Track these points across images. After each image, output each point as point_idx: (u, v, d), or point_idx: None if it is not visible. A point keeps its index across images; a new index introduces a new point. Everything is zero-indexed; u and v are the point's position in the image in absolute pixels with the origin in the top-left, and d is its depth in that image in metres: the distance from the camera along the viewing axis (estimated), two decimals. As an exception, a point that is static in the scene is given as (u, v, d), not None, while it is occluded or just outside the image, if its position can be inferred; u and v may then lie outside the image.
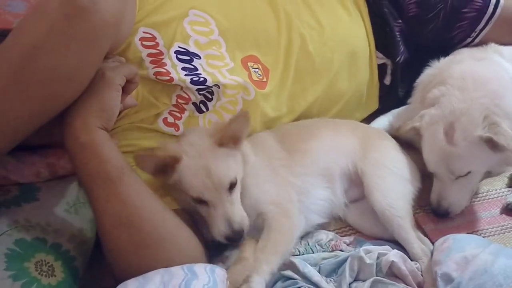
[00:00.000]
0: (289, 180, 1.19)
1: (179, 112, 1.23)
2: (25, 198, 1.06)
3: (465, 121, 1.15)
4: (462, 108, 1.16)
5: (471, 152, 1.15)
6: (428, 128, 1.21)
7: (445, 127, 1.17)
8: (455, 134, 1.16)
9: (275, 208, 1.13)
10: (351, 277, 1.07)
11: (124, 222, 0.97)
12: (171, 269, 0.93)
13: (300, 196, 1.19)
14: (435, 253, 1.08)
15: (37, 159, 1.11)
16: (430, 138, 1.21)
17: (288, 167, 1.20)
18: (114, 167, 0.97)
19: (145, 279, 0.90)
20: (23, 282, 0.89)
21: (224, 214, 1.04)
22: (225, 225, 1.04)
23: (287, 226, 1.12)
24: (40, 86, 0.91)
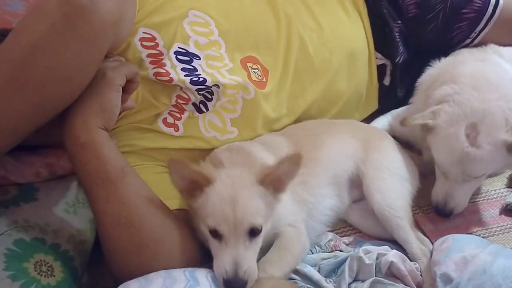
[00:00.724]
0: (303, 197, 1.16)
1: (178, 112, 1.23)
2: (24, 198, 1.05)
3: (489, 123, 1.14)
4: (485, 109, 1.15)
5: (493, 155, 1.15)
6: (446, 128, 1.17)
7: (467, 128, 1.15)
8: (479, 136, 1.14)
9: (291, 229, 1.10)
10: (351, 277, 1.07)
11: (123, 222, 0.97)
12: (173, 273, 0.92)
13: (311, 211, 1.17)
14: (434, 253, 1.09)
15: (36, 159, 1.11)
16: (448, 137, 1.17)
17: (304, 183, 1.17)
18: (114, 168, 0.97)
19: (146, 281, 0.89)
20: (22, 282, 0.89)
21: (234, 255, 0.93)
22: (230, 267, 0.92)
23: (298, 248, 1.09)
24: (39, 86, 0.90)
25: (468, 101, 1.16)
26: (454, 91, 1.20)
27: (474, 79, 1.20)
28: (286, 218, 1.10)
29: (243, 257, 0.93)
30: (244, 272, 0.92)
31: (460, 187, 1.20)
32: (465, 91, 1.19)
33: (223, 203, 0.95)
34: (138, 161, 1.16)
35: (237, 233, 0.94)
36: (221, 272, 0.93)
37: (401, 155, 1.30)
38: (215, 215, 0.95)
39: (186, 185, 0.99)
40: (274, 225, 1.06)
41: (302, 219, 1.14)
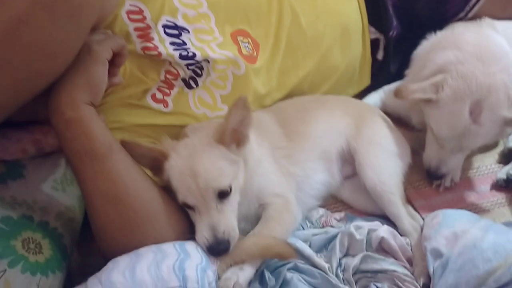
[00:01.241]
0: (290, 170, 1.17)
1: (168, 88, 1.21)
2: (11, 175, 1.04)
3: (494, 100, 1.13)
4: (490, 85, 1.13)
5: (492, 130, 1.15)
6: (450, 104, 1.15)
7: (472, 105, 1.14)
8: (482, 114, 1.13)
9: (277, 199, 1.10)
10: (341, 252, 1.08)
11: (112, 199, 0.96)
12: (163, 247, 0.92)
13: (300, 184, 1.18)
14: (425, 228, 1.09)
15: (23, 136, 1.09)
16: (451, 113, 1.16)
17: (290, 157, 1.18)
18: (101, 144, 0.95)
19: (137, 256, 0.89)
20: (10, 259, 0.88)
21: (209, 222, 0.96)
22: (209, 233, 0.95)
23: (287, 219, 1.09)
24: (23, 62, 0.87)
25: (473, 74, 1.14)
26: (458, 59, 1.17)
27: (478, 48, 1.18)
28: (271, 188, 1.11)
29: (217, 221, 0.95)
30: (222, 233, 0.95)
31: (454, 155, 1.22)
32: (469, 61, 1.16)
33: (183, 176, 0.96)
34: (127, 138, 1.14)
35: (205, 200, 0.96)
36: (202, 241, 0.96)
37: (393, 132, 1.29)
38: (180, 189, 0.97)
39: (150, 163, 1.00)
40: (258, 196, 1.07)
41: (291, 190, 1.14)
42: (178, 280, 0.84)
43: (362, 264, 1.05)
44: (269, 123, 1.22)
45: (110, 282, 0.83)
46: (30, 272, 0.89)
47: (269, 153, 1.15)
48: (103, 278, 0.85)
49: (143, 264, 0.86)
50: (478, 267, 0.96)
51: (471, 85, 1.14)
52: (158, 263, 0.87)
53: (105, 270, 0.87)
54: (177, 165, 0.97)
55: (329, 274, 1.03)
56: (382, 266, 1.04)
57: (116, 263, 0.88)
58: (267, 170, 1.12)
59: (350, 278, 1.03)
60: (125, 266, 0.87)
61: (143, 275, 0.84)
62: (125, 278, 0.84)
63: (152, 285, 0.83)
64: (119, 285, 0.83)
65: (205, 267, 0.89)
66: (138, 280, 0.83)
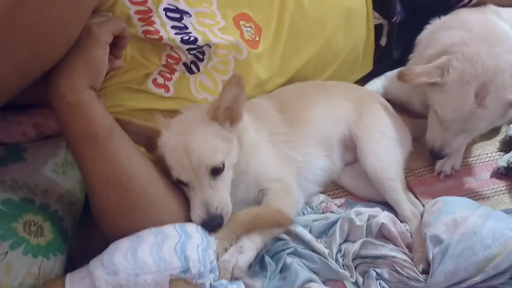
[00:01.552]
0: (290, 155, 1.17)
1: (169, 72, 1.20)
2: (12, 158, 1.03)
3: (499, 82, 1.12)
4: (496, 67, 1.12)
5: (496, 113, 1.15)
6: (457, 87, 1.15)
7: (477, 88, 1.13)
8: (487, 97, 1.13)
9: (277, 184, 1.11)
10: (341, 238, 1.08)
11: (112, 183, 0.96)
12: (164, 229, 0.92)
13: (301, 169, 1.18)
14: (425, 215, 1.09)
15: (23, 119, 1.09)
16: (456, 97, 1.15)
17: (289, 142, 1.18)
18: (101, 128, 0.95)
19: (138, 239, 0.90)
20: (12, 242, 0.89)
21: (202, 198, 0.97)
22: (202, 210, 0.97)
23: (288, 203, 1.09)
24: (24, 44, 0.87)
25: (479, 56, 1.13)
26: (463, 40, 1.16)
27: (483, 29, 1.17)
28: (269, 173, 1.11)
29: (210, 196, 0.97)
30: (215, 209, 0.96)
31: (457, 137, 1.22)
32: (475, 42, 1.15)
33: (176, 153, 0.97)
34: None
35: (198, 177, 0.97)
36: (196, 218, 0.97)
37: (395, 118, 1.29)
38: (174, 166, 0.98)
39: (144, 141, 1.01)
40: (256, 181, 1.08)
41: (291, 175, 1.14)
42: (180, 261, 0.84)
43: (361, 249, 1.05)
44: (268, 108, 1.21)
45: (112, 264, 0.84)
46: (31, 254, 0.90)
47: (267, 138, 1.15)
48: (104, 260, 0.85)
49: (145, 246, 0.87)
50: (477, 253, 0.96)
51: (477, 68, 1.13)
52: (160, 245, 0.87)
53: (107, 253, 0.88)
54: (169, 142, 0.98)
55: (329, 259, 1.04)
56: (382, 252, 1.04)
57: (118, 246, 0.89)
58: (265, 155, 1.12)
59: (349, 263, 1.04)
60: (126, 248, 0.87)
61: (145, 257, 0.85)
62: (127, 260, 0.84)
63: (155, 267, 0.83)
64: (121, 267, 0.83)
65: (206, 247, 0.89)
66: (140, 262, 0.84)
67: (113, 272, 0.83)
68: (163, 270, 0.83)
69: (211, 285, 0.87)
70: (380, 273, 1.03)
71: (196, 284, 0.85)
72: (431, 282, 0.98)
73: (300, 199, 1.15)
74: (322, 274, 1.03)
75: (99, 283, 0.81)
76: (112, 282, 0.82)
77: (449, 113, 1.18)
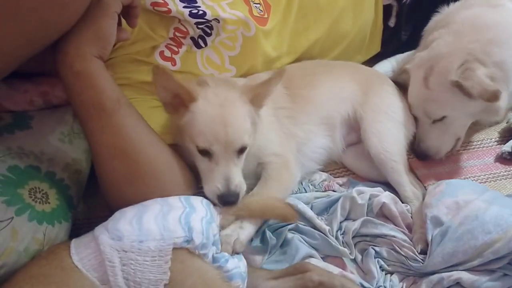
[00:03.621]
0: (291, 130, 1.18)
1: (176, 46, 1.20)
2: (19, 126, 1.04)
3: (443, 65, 1.15)
4: (445, 52, 1.16)
5: (444, 96, 1.16)
6: (413, 71, 1.23)
7: (426, 70, 1.18)
8: (430, 78, 1.17)
9: (276, 158, 1.12)
10: (342, 216, 1.09)
11: (119, 154, 0.96)
12: (169, 200, 0.93)
13: (300, 146, 1.19)
14: (427, 196, 1.10)
15: (30, 87, 1.09)
16: (413, 81, 1.24)
17: (292, 118, 1.18)
18: (109, 98, 0.95)
19: (143, 207, 0.91)
20: (17, 207, 0.90)
21: (225, 172, 0.98)
22: (222, 183, 0.98)
23: (286, 177, 1.11)
24: (32, 12, 0.86)
25: (438, 46, 1.20)
26: (440, 36, 1.22)
27: (461, 25, 1.21)
28: (270, 147, 1.12)
29: (234, 173, 0.99)
30: (235, 186, 0.98)
31: (428, 130, 1.23)
32: (444, 36, 1.21)
33: (213, 123, 0.97)
34: (134, 94, 1.14)
35: (227, 152, 0.98)
36: (214, 189, 0.98)
37: (401, 101, 1.29)
38: (206, 135, 0.97)
39: (170, 98, 1.00)
40: (257, 154, 1.09)
41: (291, 150, 1.15)
42: (184, 231, 0.86)
43: (362, 228, 1.07)
44: None
45: (117, 230, 0.85)
46: (37, 221, 0.91)
47: (270, 113, 1.16)
48: (110, 226, 0.87)
49: (150, 215, 0.88)
50: (477, 238, 0.97)
51: (430, 54, 1.20)
52: (165, 215, 0.88)
53: (112, 220, 0.89)
54: (207, 110, 0.98)
55: (329, 236, 1.05)
56: (382, 231, 1.06)
57: (123, 213, 0.90)
58: (267, 128, 1.13)
59: (349, 241, 1.05)
60: (132, 216, 0.88)
61: (150, 224, 0.86)
62: (132, 227, 0.86)
63: (159, 235, 0.85)
64: (126, 233, 0.85)
65: (210, 220, 0.91)
66: (145, 229, 0.85)
67: (117, 237, 0.84)
68: (167, 238, 0.84)
69: (213, 257, 0.88)
70: (379, 252, 1.04)
71: (199, 255, 0.86)
72: (428, 263, 0.99)
73: (298, 175, 1.16)
74: (322, 250, 1.05)
75: (103, 247, 0.83)
76: (116, 247, 0.83)
77: (410, 98, 1.26)
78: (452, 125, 1.22)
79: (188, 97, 0.99)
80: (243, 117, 1.01)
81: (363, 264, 1.04)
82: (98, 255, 0.83)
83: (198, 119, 0.98)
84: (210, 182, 0.99)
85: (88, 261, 0.83)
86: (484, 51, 1.14)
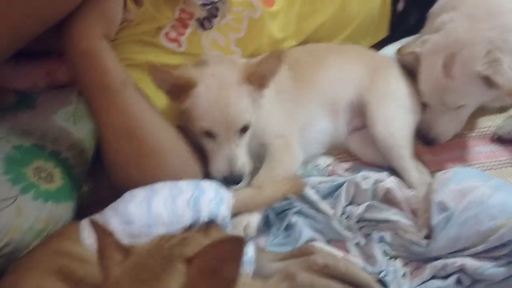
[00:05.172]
0: (293, 113, 1.18)
1: (182, 27, 1.19)
2: (23, 105, 1.04)
3: (467, 54, 1.12)
4: (466, 40, 1.12)
5: (467, 87, 1.14)
6: (428, 56, 1.19)
7: (446, 58, 1.14)
8: (453, 67, 1.13)
9: (278, 140, 1.12)
10: (346, 200, 1.09)
11: (125, 134, 0.96)
12: (178, 184, 0.93)
13: (303, 130, 1.18)
14: (434, 182, 1.09)
15: (35, 66, 1.09)
16: (428, 67, 1.19)
17: (295, 100, 1.18)
18: (114, 78, 0.95)
19: (153, 191, 0.90)
20: (22, 186, 0.90)
21: (228, 154, 1.01)
22: (225, 164, 1.01)
23: (288, 159, 1.12)
24: None
25: (455, 30, 1.15)
26: (450, 19, 1.18)
27: (474, 7, 1.17)
28: (271, 129, 1.13)
29: (235, 154, 1.01)
30: (239, 167, 1.00)
31: (440, 117, 1.21)
32: (458, 19, 1.16)
33: (213, 105, 0.99)
34: (139, 75, 1.12)
35: (229, 132, 1.00)
36: (218, 170, 1.01)
37: (407, 86, 1.27)
38: (207, 117, 1.00)
39: (170, 89, 1.01)
40: (259, 136, 1.10)
41: (293, 132, 1.16)
42: (192, 215, 0.85)
43: (366, 212, 1.06)
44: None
45: (127, 214, 0.84)
46: (41, 199, 0.91)
47: (273, 94, 1.15)
48: (119, 209, 0.86)
49: (159, 198, 0.88)
50: (481, 223, 0.96)
51: (448, 39, 1.15)
52: (174, 198, 0.88)
53: (122, 202, 0.88)
54: (206, 93, 1.00)
55: (333, 220, 1.05)
56: (386, 216, 1.05)
57: (133, 196, 0.89)
58: (269, 110, 1.13)
59: (353, 225, 1.05)
60: (141, 199, 0.88)
61: (159, 208, 0.86)
62: (142, 210, 0.85)
63: (168, 219, 0.84)
64: (136, 217, 0.84)
65: (219, 202, 0.90)
66: (154, 214, 0.85)
67: (127, 222, 0.84)
68: (175, 223, 0.84)
69: None
70: (382, 236, 1.04)
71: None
72: (432, 247, 0.99)
73: (300, 157, 1.16)
74: (325, 234, 1.05)
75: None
76: (126, 232, 0.82)
77: (423, 84, 1.21)
78: (465, 112, 1.21)
79: (188, 85, 1.00)
80: (242, 97, 1.02)
81: (367, 249, 1.03)
82: None
83: (198, 102, 1.00)
84: (215, 163, 1.02)
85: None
86: (502, 38, 1.11)
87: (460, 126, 1.24)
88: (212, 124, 1.00)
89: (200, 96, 1.01)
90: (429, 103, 1.22)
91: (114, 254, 0.63)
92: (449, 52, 1.14)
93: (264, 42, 1.26)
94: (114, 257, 0.63)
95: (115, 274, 0.61)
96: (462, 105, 1.18)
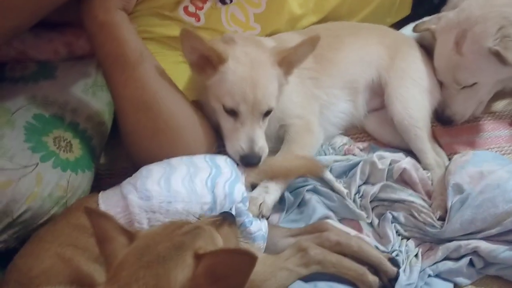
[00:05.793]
0: (314, 92, 1.16)
1: (201, 1, 1.18)
2: (43, 75, 1.05)
3: (478, 30, 1.10)
4: (479, 16, 1.10)
5: (478, 63, 1.12)
6: (442, 33, 1.18)
7: (457, 35, 1.13)
8: (464, 44, 1.12)
9: (299, 121, 1.11)
10: (361, 180, 1.09)
11: (142, 107, 0.97)
12: (194, 160, 0.93)
13: (323, 109, 1.17)
14: (452, 164, 1.08)
15: (55, 37, 1.10)
16: (441, 44, 1.18)
17: (315, 80, 1.17)
18: (132, 51, 0.95)
19: (171, 168, 0.90)
20: (42, 154, 0.92)
21: (250, 133, 0.98)
22: (246, 144, 0.98)
23: (308, 140, 1.11)
24: None
25: (469, 7, 1.13)
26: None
27: None
28: (293, 110, 1.12)
29: (258, 135, 0.99)
30: (259, 148, 0.98)
31: (456, 96, 1.19)
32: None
33: (242, 84, 0.96)
34: (157, 49, 1.13)
35: (254, 113, 0.98)
36: (237, 149, 0.99)
37: (427, 66, 1.25)
38: (234, 95, 0.97)
39: (197, 60, 0.99)
40: (280, 116, 1.09)
41: (313, 112, 1.15)
42: (211, 196, 0.86)
43: (380, 192, 1.06)
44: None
45: (146, 190, 0.85)
46: (61, 168, 0.93)
47: (294, 74, 1.12)
48: (138, 185, 0.86)
49: (177, 176, 0.88)
50: (497, 206, 0.96)
51: (461, 16, 1.14)
52: (192, 177, 0.88)
53: (140, 178, 0.88)
54: (237, 70, 0.97)
55: (346, 199, 1.05)
56: (400, 196, 1.05)
57: (150, 172, 0.89)
58: (290, 90, 1.11)
59: (367, 204, 1.06)
60: (160, 176, 0.88)
61: (178, 186, 0.86)
62: (161, 187, 0.85)
63: (187, 197, 0.85)
64: (154, 193, 0.85)
65: (234, 182, 0.91)
66: (173, 191, 0.85)
67: (146, 198, 0.84)
68: (194, 201, 0.85)
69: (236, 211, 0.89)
70: (396, 217, 1.04)
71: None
72: (446, 229, 0.99)
73: (321, 136, 1.15)
74: (339, 212, 1.05)
75: (132, 208, 0.83)
76: (145, 207, 0.83)
77: (436, 61, 1.21)
78: (481, 90, 1.19)
79: (218, 58, 0.97)
80: (272, 80, 1.00)
81: (380, 228, 1.04)
82: (127, 215, 0.84)
83: (227, 79, 0.98)
84: (235, 141, 0.99)
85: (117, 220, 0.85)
86: None
87: (476, 106, 1.22)
88: (238, 102, 0.97)
89: (229, 72, 0.97)
90: (444, 81, 1.21)
91: (118, 237, 0.64)
92: (461, 29, 1.12)
93: (284, 17, 1.24)
94: (119, 240, 0.63)
95: (120, 255, 0.61)
96: (475, 83, 1.16)
